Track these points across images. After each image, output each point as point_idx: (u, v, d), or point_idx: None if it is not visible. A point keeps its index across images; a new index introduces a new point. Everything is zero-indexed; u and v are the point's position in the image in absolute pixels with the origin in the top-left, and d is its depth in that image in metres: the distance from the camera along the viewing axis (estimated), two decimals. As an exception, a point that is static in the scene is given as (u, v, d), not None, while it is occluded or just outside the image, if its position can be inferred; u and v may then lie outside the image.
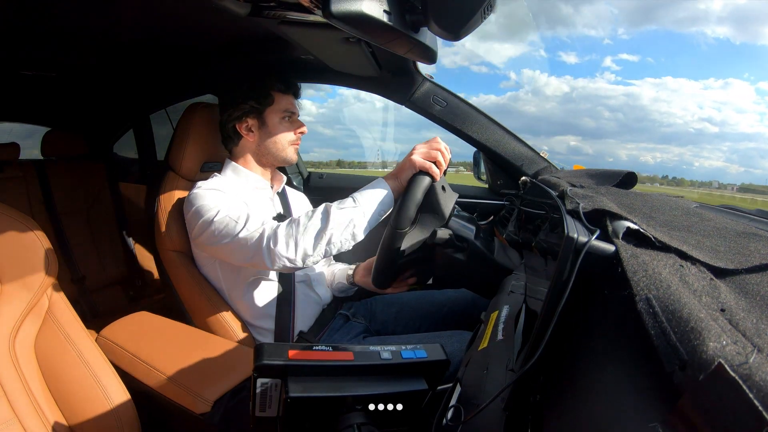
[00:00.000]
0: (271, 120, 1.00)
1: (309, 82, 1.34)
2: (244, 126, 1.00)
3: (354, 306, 1.12)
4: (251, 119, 0.99)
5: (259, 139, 1.01)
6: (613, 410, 0.30)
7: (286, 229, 0.80)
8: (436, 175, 0.82)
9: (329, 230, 0.78)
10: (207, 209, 0.88)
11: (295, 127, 1.02)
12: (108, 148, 1.94)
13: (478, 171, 1.41)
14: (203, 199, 0.89)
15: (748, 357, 0.23)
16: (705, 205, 0.75)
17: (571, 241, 0.40)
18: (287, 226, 0.80)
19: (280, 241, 0.79)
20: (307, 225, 0.79)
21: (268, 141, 1.01)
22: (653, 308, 0.30)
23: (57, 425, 0.66)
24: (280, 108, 1.00)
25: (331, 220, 0.78)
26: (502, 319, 0.58)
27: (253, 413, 0.42)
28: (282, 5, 0.67)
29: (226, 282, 0.97)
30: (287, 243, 0.79)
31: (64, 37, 0.91)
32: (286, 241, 0.79)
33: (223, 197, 0.90)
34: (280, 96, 1.00)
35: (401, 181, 0.84)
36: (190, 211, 0.91)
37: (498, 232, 1.02)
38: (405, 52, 0.62)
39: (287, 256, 0.79)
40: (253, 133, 1.01)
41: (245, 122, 1.00)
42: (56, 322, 0.69)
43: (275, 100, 0.99)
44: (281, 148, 1.01)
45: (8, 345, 0.63)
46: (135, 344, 0.87)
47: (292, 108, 1.01)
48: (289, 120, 1.01)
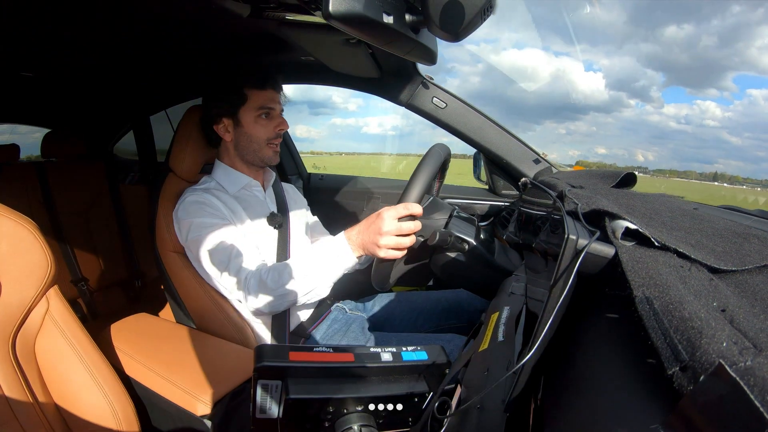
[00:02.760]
0: (246, 119, 0.97)
1: (309, 83, 1.35)
2: (221, 127, 0.98)
3: (351, 303, 1.13)
4: (226, 119, 0.97)
5: (236, 139, 0.99)
6: (613, 411, 0.30)
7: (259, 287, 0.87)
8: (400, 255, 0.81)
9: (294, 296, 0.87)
10: (194, 233, 0.92)
11: (273, 124, 0.99)
12: (108, 149, 1.94)
13: (478, 172, 1.42)
14: (190, 217, 0.93)
15: (748, 357, 0.23)
16: (705, 205, 0.75)
17: (572, 243, 0.40)
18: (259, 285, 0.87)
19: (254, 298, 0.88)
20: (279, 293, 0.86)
21: (243, 140, 0.99)
22: (653, 308, 0.30)
23: (56, 427, 0.65)
24: (254, 105, 0.96)
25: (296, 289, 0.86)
26: (503, 321, 0.58)
27: (253, 415, 0.42)
28: (282, 6, 0.67)
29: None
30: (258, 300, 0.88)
31: (64, 38, 0.91)
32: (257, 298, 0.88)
33: (211, 226, 0.91)
34: (256, 93, 0.96)
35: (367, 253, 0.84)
36: (177, 223, 0.96)
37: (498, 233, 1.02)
38: (405, 54, 0.62)
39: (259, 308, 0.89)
40: (229, 133, 0.99)
41: (221, 123, 0.98)
42: (56, 323, 0.69)
43: (249, 98, 0.96)
44: (257, 147, 0.99)
45: (8, 346, 0.63)
46: (135, 346, 0.86)
47: (269, 104, 0.97)
48: (267, 117, 0.98)
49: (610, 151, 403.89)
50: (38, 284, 0.66)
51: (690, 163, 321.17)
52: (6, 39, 0.88)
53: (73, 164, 1.70)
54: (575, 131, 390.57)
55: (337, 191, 1.61)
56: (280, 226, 1.03)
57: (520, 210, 0.85)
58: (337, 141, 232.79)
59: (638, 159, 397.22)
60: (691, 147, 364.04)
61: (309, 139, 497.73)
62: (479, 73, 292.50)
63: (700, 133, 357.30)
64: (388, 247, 0.79)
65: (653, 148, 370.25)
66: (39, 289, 0.67)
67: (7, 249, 0.64)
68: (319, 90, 21.34)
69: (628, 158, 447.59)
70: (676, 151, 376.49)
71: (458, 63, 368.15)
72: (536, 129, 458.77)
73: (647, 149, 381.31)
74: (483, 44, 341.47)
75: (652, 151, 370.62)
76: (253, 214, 1.00)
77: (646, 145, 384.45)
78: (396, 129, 48.64)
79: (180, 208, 0.95)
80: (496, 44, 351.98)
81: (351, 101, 62.11)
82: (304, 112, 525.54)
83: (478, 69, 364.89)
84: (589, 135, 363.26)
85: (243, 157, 1.02)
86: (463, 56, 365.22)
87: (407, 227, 0.79)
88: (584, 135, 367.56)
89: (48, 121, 1.83)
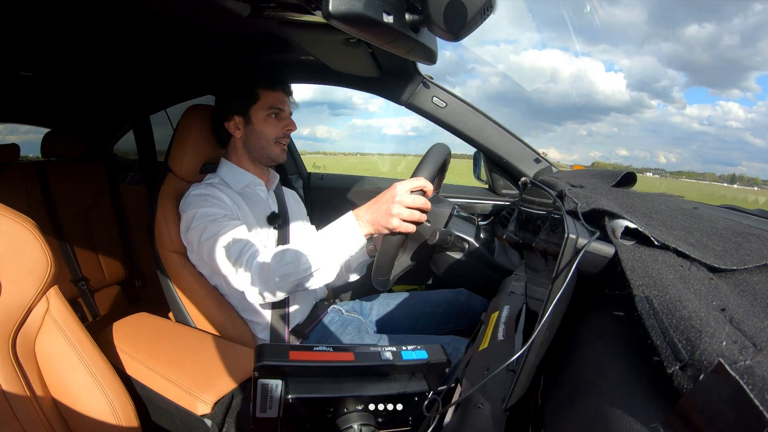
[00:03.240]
0: (257, 117, 1.00)
1: (309, 82, 1.35)
2: (232, 124, 1.01)
3: (348, 303, 1.13)
4: (238, 117, 1.01)
5: (245, 137, 1.02)
6: (613, 410, 0.30)
7: (261, 268, 0.83)
8: (412, 230, 0.78)
9: (297, 277, 0.81)
10: (197, 222, 0.91)
11: (282, 125, 1.02)
12: (108, 149, 1.94)
13: (478, 171, 1.42)
14: (193, 207, 0.93)
15: (748, 356, 0.23)
16: (704, 204, 0.75)
17: (572, 242, 0.40)
18: (261, 265, 0.83)
19: (256, 279, 0.83)
20: (282, 272, 0.81)
21: (253, 138, 1.02)
22: (653, 307, 0.30)
23: (56, 426, 0.66)
24: (265, 105, 1.00)
25: (299, 268, 0.81)
26: (503, 320, 0.58)
27: (253, 414, 0.42)
28: (282, 6, 0.67)
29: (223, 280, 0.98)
30: (260, 281, 0.83)
31: (64, 38, 0.91)
32: (259, 279, 0.83)
33: (214, 216, 0.91)
34: (267, 93, 1.00)
35: (376, 231, 0.80)
36: (181, 216, 0.96)
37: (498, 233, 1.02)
38: (405, 53, 0.62)
39: (260, 290, 0.84)
40: (239, 130, 1.02)
41: (232, 120, 1.01)
42: (56, 323, 0.69)
43: (260, 98, 1.00)
44: (266, 145, 1.02)
45: (8, 346, 0.63)
46: (135, 345, 0.87)
47: (279, 104, 1.01)
48: (277, 117, 1.01)
49: (631, 153, 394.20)
50: (38, 284, 0.66)
51: (712, 165, 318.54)
52: (6, 39, 0.88)
53: (73, 164, 1.71)
54: (596, 132, 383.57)
55: (337, 191, 1.61)
56: (280, 226, 1.03)
57: (520, 209, 0.86)
58: (358, 142, 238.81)
59: (660, 161, 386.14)
60: (714, 149, 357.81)
61: (330, 139, 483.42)
62: (499, 74, 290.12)
63: (722, 135, 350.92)
64: (401, 218, 0.76)
65: (675, 150, 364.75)
66: (39, 289, 0.67)
67: (7, 249, 0.64)
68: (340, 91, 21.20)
69: (650, 160, 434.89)
70: (699, 152, 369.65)
71: (478, 64, 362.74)
72: (557, 130, 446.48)
73: (669, 151, 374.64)
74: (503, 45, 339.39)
75: (675, 153, 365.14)
76: (255, 212, 1.00)
77: (668, 146, 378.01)
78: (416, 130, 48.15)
79: (184, 201, 0.96)
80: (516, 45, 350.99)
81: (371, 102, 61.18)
82: (325, 112, 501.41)
83: (499, 70, 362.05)
84: (610, 136, 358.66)
85: (251, 155, 1.04)
86: (484, 57, 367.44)
87: (420, 201, 0.77)
88: (605, 136, 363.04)
89: (48, 120, 1.83)
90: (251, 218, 0.98)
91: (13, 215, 0.66)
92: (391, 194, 0.77)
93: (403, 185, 0.77)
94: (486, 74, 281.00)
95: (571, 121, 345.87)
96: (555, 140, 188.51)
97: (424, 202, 0.77)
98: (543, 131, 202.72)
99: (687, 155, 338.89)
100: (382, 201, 0.78)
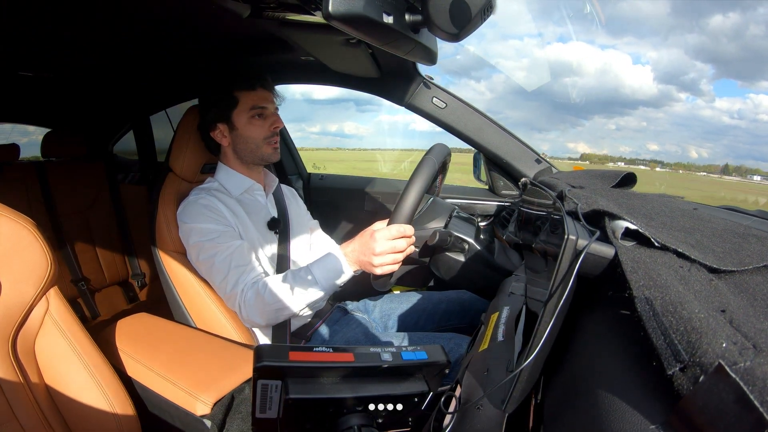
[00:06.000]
0: (240, 121, 0.97)
1: (309, 83, 1.35)
2: (217, 132, 0.99)
3: (352, 303, 1.13)
4: (221, 124, 0.98)
5: (233, 143, 0.99)
6: (613, 411, 0.30)
7: (255, 301, 0.87)
8: (398, 266, 0.81)
9: (291, 311, 0.88)
10: (195, 238, 0.92)
11: (268, 124, 0.99)
12: (108, 149, 1.94)
13: (478, 172, 1.42)
14: (192, 222, 0.93)
15: (748, 358, 0.23)
16: (704, 205, 0.75)
17: (572, 243, 0.40)
18: (256, 299, 0.87)
19: (251, 311, 0.89)
20: (276, 307, 0.87)
21: (240, 143, 0.99)
22: (653, 309, 0.30)
23: (56, 427, 0.65)
24: (246, 107, 0.96)
25: (293, 304, 0.86)
26: (503, 321, 0.58)
27: (253, 415, 0.42)
28: (282, 6, 0.67)
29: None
30: (255, 314, 0.89)
31: (64, 38, 0.91)
32: (254, 312, 0.89)
33: (211, 235, 0.92)
34: (245, 94, 0.96)
35: (363, 269, 0.85)
36: (180, 225, 0.96)
37: (498, 233, 1.02)
38: (405, 54, 0.62)
39: (255, 321, 0.91)
40: (226, 137, 0.99)
41: (217, 129, 0.98)
42: (56, 323, 0.69)
43: (240, 100, 0.96)
44: (255, 147, 0.99)
45: (8, 346, 0.63)
46: (135, 346, 0.86)
47: (261, 103, 0.97)
48: (261, 117, 0.98)
49: (662, 148, 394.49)
50: (38, 284, 0.66)
51: (745, 160, 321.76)
52: (6, 39, 0.88)
53: (73, 164, 1.70)
54: (625, 126, 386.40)
55: (337, 191, 1.61)
56: (281, 231, 1.03)
57: (520, 210, 0.86)
58: (385, 138, 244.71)
59: (692, 155, 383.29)
60: (746, 143, 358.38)
61: (357, 135, 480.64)
62: (524, 68, 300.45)
63: (754, 129, 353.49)
64: (383, 265, 0.80)
65: (707, 145, 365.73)
66: (39, 289, 0.67)
67: (7, 249, 0.64)
68: (364, 87, 20.82)
69: (681, 155, 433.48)
70: (731, 147, 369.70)
71: (502, 58, 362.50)
72: (585, 124, 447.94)
73: (700, 145, 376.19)
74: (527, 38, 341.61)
75: (706, 148, 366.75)
76: (254, 219, 1.00)
77: (699, 141, 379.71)
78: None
79: (184, 210, 0.95)
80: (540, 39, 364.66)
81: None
82: (351, 109, 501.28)
83: (523, 64, 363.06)
84: (639, 131, 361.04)
85: (243, 159, 1.02)
86: (508, 52, 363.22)
87: (400, 245, 0.79)
88: (634, 131, 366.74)
89: (48, 120, 1.83)
90: (251, 227, 0.98)
91: (13, 215, 0.66)
92: (371, 247, 0.79)
93: (381, 234, 0.79)
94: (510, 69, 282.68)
95: (598, 115, 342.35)
96: (583, 134, 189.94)
97: (405, 245, 0.80)
98: (571, 125, 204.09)
99: (719, 150, 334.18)
100: (364, 248, 0.81)
